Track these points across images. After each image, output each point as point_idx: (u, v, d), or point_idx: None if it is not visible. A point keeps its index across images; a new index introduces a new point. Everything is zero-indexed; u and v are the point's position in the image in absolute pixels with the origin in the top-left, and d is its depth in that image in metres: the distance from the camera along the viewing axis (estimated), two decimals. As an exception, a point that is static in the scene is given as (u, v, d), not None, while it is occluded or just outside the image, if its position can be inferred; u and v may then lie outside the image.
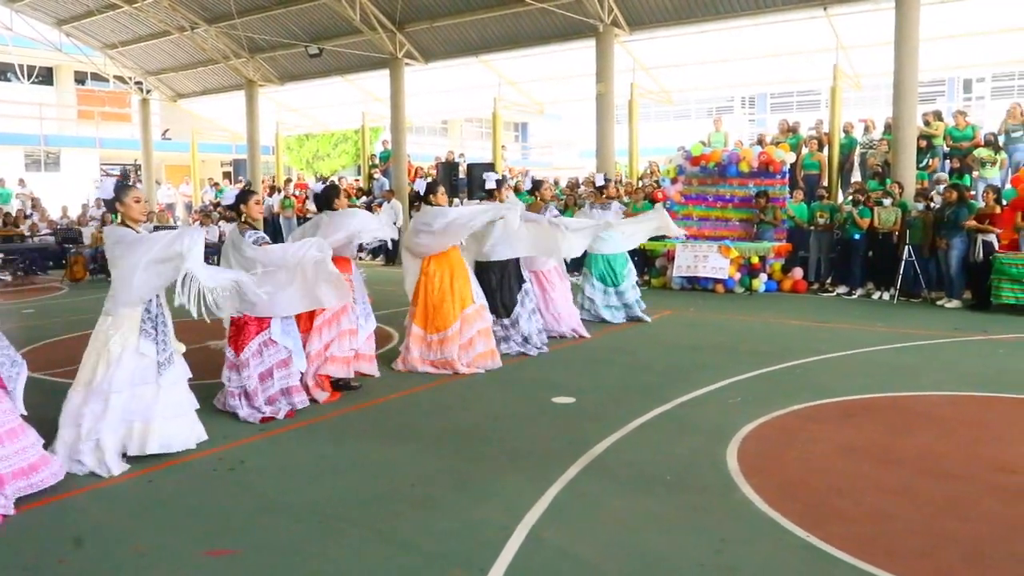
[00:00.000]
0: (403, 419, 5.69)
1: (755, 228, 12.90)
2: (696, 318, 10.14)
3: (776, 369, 7.09)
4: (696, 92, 21.40)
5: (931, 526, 3.75)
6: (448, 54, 18.90)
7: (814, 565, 3.36)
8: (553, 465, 4.56)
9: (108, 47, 23.22)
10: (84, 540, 3.63)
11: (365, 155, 22.62)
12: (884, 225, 11.53)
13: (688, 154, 13.73)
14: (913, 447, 4.93)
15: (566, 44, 17.06)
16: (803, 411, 5.73)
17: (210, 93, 24.49)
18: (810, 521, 3.76)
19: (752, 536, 3.64)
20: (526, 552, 3.49)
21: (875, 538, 3.60)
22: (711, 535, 3.65)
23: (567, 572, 3.33)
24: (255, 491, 4.27)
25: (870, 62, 15.71)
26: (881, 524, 3.76)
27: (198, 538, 3.68)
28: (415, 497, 4.18)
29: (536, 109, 21.82)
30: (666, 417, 5.62)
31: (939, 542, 3.59)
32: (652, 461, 4.67)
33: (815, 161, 14.52)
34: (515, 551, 3.49)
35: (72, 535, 3.68)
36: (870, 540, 3.57)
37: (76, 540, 3.62)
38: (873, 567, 3.30)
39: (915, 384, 6.56)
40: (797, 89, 28.22)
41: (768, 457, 4.76)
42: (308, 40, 19.37)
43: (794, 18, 14.76)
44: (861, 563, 3.34)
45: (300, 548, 3.58)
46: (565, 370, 7.17)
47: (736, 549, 3.51)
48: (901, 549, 3.50)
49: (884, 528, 3.72)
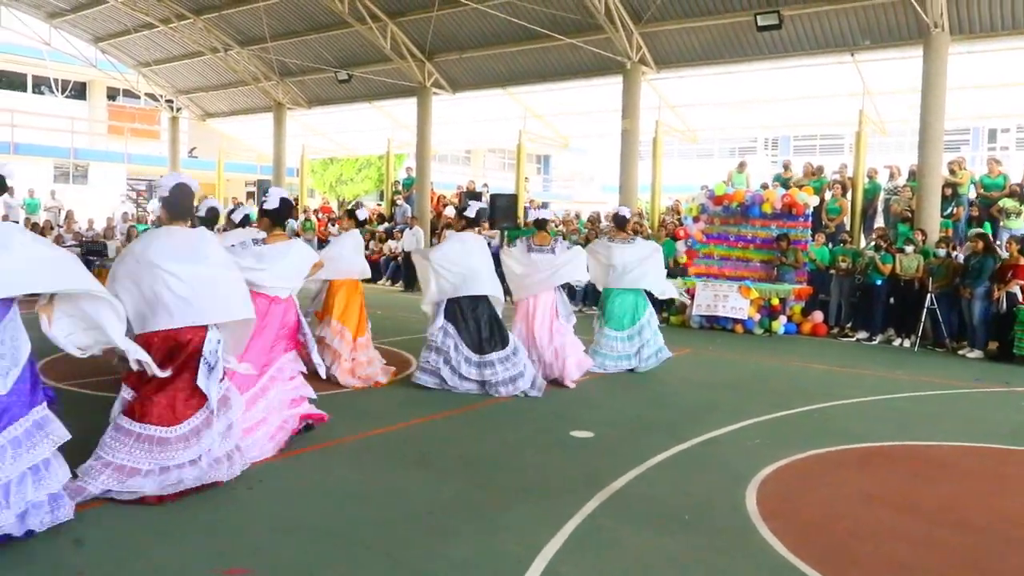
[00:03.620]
0: (419, 446, 5.68)
1: (776, 270, 12.87)
2: (715, 357, 10.10)
3: (795, 412, 7.04)
4: (720, 132, 21.49)
5: (953, 579, 3.71)
6: (476, 85, 19.13)
7: (834, 613, 3.32)
8: (570, 498, 4.54)
9: (141, 65, 23.67)
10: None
11: (389, 181, 22.84)
12: (906, 272, 11.48)
13: (711, 193, 13.76)
14: (933, 497, 4.87)
15: (593, 80, 17.24)
16: (823, 455, 5.68)
17: (239, 114, 24.86)
18: (829, 567, 3.71)
19: (771, 580, 3.60)
20: (542, 585, 3.47)
21: (896, 588, 3.56)
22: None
23: (583, 608, 3.31)
24: (271, 512, 4.27)
25: (896, 108, 15.77)
26: (901, 574, 3.71)
27: (213, 556, 3.68)
28: (431, 525, 4.17)
29: (560, 143, 22.00)
30: (685, 455, 5.59)
31: (961, 596, 3.54)
32: (670, 499, 4.64)
33: (838, 206, 14.51)
34: (532, 584, 3.47)
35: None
36: (891, 590, 3.53)
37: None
38: (894, 618, 3.26)
39: (935, 433, 6.49)
40: (821, 132, 28.35)
41: (787, 500, 4.71)
42: (338, 66, 19.67)
43: (821, 63, 14.87)
44: (881, 613, 3.30)
45: (314, 571, 3.58)
46: (583, 404, 7.15)
47: (754, 593, 3.48)
48: (922, 601, 3.45)
49: (905, 579, 3.67)
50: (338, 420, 6.04)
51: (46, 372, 7.83)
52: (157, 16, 20.12)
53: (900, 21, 13.32)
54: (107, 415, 4.51)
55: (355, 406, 6.66)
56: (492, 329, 7.31)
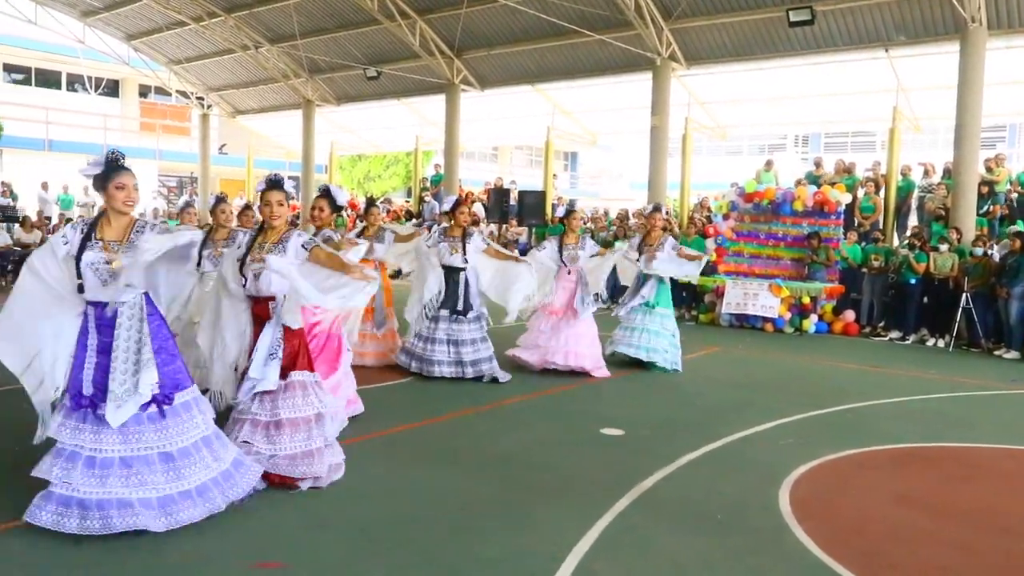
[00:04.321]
0: (451, 443, 5.69)
1: (807, 268, 12.73)
2: (745, 356, 10.01)
3: (827, 412, 6.96)
4: (751, 128, 21.30)
5: (993, 584, 3.64)
6: (504, 82, 19.11)
7: (871, 616, 3.28)
8: (602, 497, 4.52)
9: (173, 62, 23.92)
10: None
11: (417, 178, 22.89)
12: (940, 271, 11.31)
13: (741, 190, 13.64)
14: (971, 500, 4.79)
15: (622, 76, 17.12)
16: (856, 456, 5.61)
17: (268, 111, 25.04)
18: (865, 569, 3.67)
19: (806, 582, 3.56)
20: (575, 584, 3.46)
21: (934, 592, 3.50)
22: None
23: (616, 607, 3.29)
24: (304, 506, 4.28)
25: (930, 105, 15.50)
26: (940, 578, 3.66)
27: (247, 550, 3.71)
28: (462, 522, 4.17)
29: (589, 139, 21.93)
30: (716, 454, 5.54)
31: (1002, 601, 3.47)
32: (702, 499, 4.61)
33: (871, 204, 14.32)
34: (564, 582, 3.46)
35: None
36: (929, 594, 3.47)
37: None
38: (933, 623, 3.21)
39: (971, 435, 6.39)
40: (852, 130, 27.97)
41: (821, 502, 4.66)
42: (367, 63, 19.73)
43: (855, 58, 14.65)
44: (920, 617, 3.25)
45: (346, 567, 3.59)
46: (614, 402, 7.13)
47: (790, 595, 3.44)
48: (962, 606, 3.40)
49: (944, 583, 3.62)
50: (367, 415, 6.07)
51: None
52: (189, 14, 20.31)
53: (936, 16, 13.09)
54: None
55: (382, 402, 6.67)
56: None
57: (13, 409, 5.31)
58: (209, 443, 4.00)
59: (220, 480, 3.97)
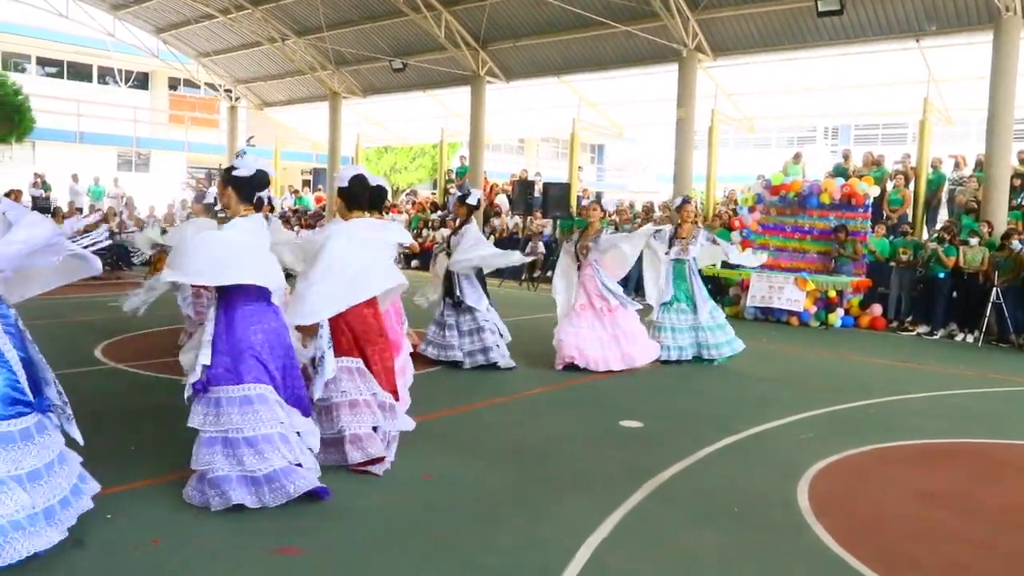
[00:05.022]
0: (469, 434, 5.71)
1: (833, 262, 12.59)
2: (768, 350, 9.93)
3: (851, 407, 6.88)
4: (778, 121, 21.09)
5: (1014, 582, 3.58)
6: (529, 73, 19.08)
7: (887, 613, 3.24)
8: (618, 489, 4.50)
9: (202, 55, 24.14)
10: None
11: (442, 169, 22.95)
12: (970, 265, 11.14)
13: (768, 183, 13.51)
14: (996, 497, 4.71)
15: (648, 68, 17.04)
16: (878, 451, 5.54)
17: (295, 103, 25.21)
18: (884, 567, 3.62)
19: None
20: (589, 574, 3.45)
21: (954, 590, 3.45)
22: (780, 572, 3.55)
23: (629, 599, 3.28)
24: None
25: (962, 96, 15.26)
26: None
27: (265, 536, 3.74)
28: (478, 512, 4.18)
29: (615, 132, 21.83)
30: (735, 448, 5.50)
31: (1023, 600, 3.42)
32: (719, 492, 4.57)
33: (900, 197, 14.12)
34: (577, 571, 3.46)
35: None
36: (948, 592, 3.43)
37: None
38: (951, 620, 3.16)
39: (998, 431, 6.29)
40: (883, 121, 27.59)
41: (840, 497, 4.61)
42: (393, 55, 19.79)
43: (884, 49, 14.45)
44: (938, 615, 3.20)
45: (363, 554, 3.62)
46: (633, 395, 7.09)
47: (805, 589, 3.41)
48: (981, 604, 3.35)
49: (963, 580, 3.56)
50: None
51: (109, 353, 8.08)
52: (217, 7, 20.48)
53: (969, 5, 12.86)
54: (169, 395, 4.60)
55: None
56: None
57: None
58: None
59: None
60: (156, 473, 4.51)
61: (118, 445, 4.97)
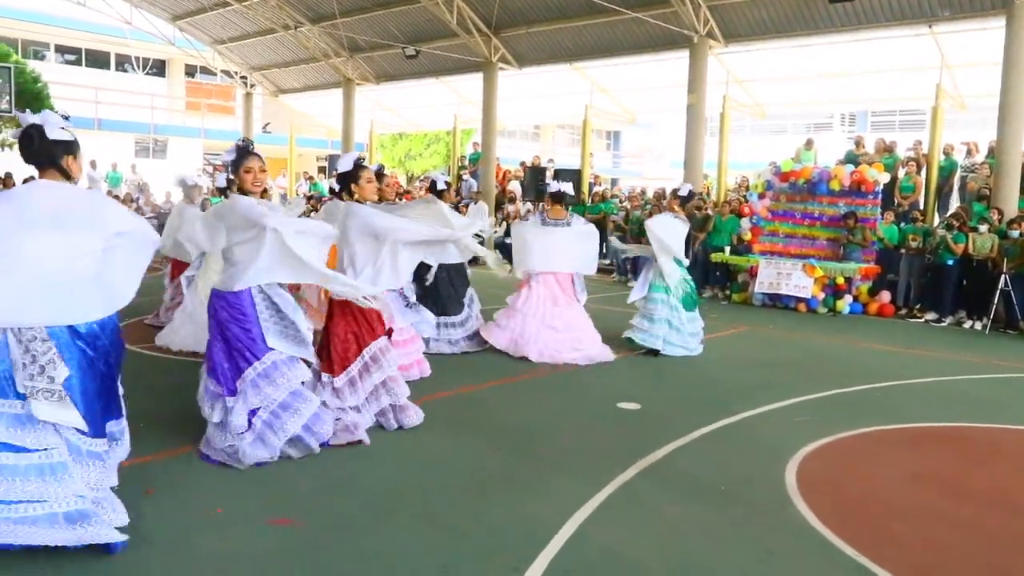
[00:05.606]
0: (468, 414, 5.81)
1: (842, 248, 12.57)
2: (773, 335, 9.97)
3: (850, 391, 6.92)
4: (791, 107, 20.98)
5: (992, 562, 3.64)
6: (542, 60, 19.07)
7: (862, 586, 3.32)
8: (609, 467, 4.60)
9: (217, 42, 24.28)
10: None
11: (455, 156, 23.01)
12: (979, 252, 11.10)
13: (778, 169, 13.49)
14: (985, 480, 4.76)
15: (660, 54, 17.00)
16: (872, 434, 5.60)
17: (310, 89, 25.32)
18: (864, 543, 3.69)
19: (800, 551, 3.61)
20: (571, 547, 3.56)
21: (931, 568, 3.52)
22: (758, 546, 3.64)
23: (609, 570, 3.38)
24: (320, 468, 4.44)
25: (976, 82, 15.13)
26: (939, 554, 3.68)
27: (262, 507, 3.87)
28: (470, 487, 4.29)
29: (627, 118, 21.81)
30: (729, 430, 5.58)
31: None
32: (709, 471, 4.66)
33: (912, 184, 14.04)
34: (561, 545, 3.56)
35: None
36: (925, 569, 3.50)
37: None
38: (924, 594, 3.24)
39: (997, 417, 6.30)
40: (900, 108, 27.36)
41: (829, 477, 4.68)
42: (406, 41, 19.83)
43: (897, 35, 14.35)
44: (912, 589, 3.28)
45: (355, 525, 3.74)
46: (633, 378, 7.17)
47: (781, 562, 3.50)
48: (957, 579, 3.42)
49: (942, 559, 3.63)
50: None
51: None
52: (232, -6, 20.62)
53: (982, -10, 12.76)
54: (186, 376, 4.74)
55: (404, 373, 6.80)
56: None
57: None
58: None
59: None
60: (157, 448, 4.65)
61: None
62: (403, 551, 3.49)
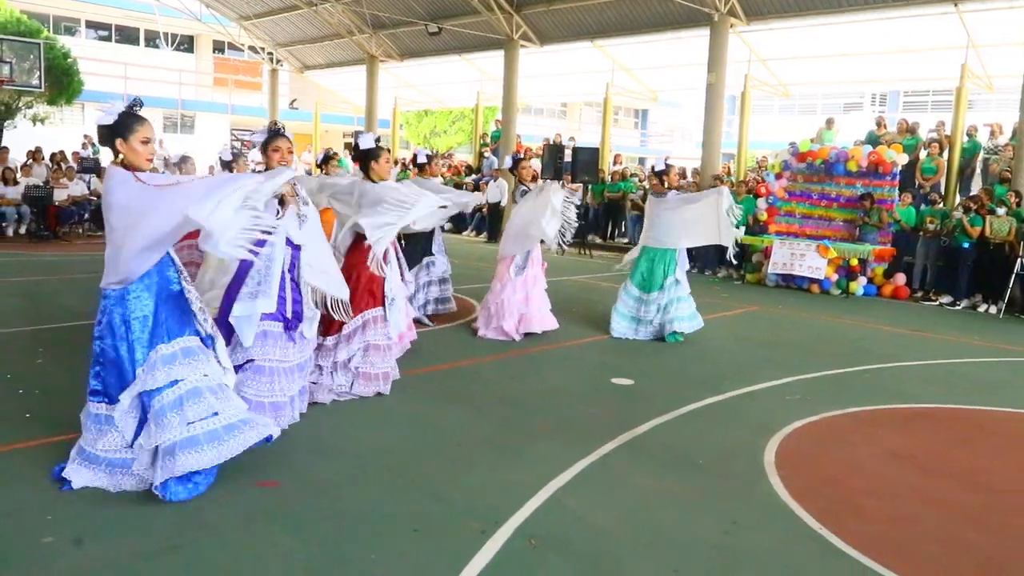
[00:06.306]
0: (464, 385, 5.95)
1: (858, 230, 12.50)
2: (782, 316, 9.98)
3: (848, 371, 6.97)
4: (814, 87, 20.76)
5: (954, 535, 3.72)
6: (563, 37, 19.03)
7: (819, 556, 3.42)
8: (593, 439, 4.72)
9: (243, 18, 24.47)
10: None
11: (477, 133, 23.05)
12: (996, 235, 10.99)
13: (795, 149, 13.41)
14: (965, 459, 4.82)
15: (681, 32, 16.89)
16: (862, 414, 5.66)
17: (335, 66, 25.47)
18: (829, 517, 3.79)
19: (765, 523, 3.71)
20: (543, 512, 3.69)
21: (891, 540, 3.61)
22: (724, 517, 3.74)
23: (576, 534, 3.51)
24: (311, 436, 4.59)
25: (1005, 62, 14.86)
26: (902, 527, 3.76)
27: (251, 470, 4.04)
28: (456, 455, 4.43)
29: (649, 96, 21.69)
30: (719, 406, 5.67)
31: (958, 551, 3.56)
32: (690, 446, 4.76)
33: (934, 165, 13.88)
34: (532, 510, 3.70)
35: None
36: (885, 541, 3.58)
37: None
38: (879, 566, 3.32)
39: (994, 399, 6.32)
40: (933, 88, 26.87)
41: (808, 454, 4.76)
42: (428, 18, 19.87)
43: (922, 13, 14.13)
44: (868, 560, 3.37)
45: (337, 487, 3.90)
46: (632, 354, 7.26)
47: (745, 533, 3.60)
48: (915, 553, 3.50)
49: (904, 531, 3.71)
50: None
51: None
52: (257, -30, 20.77)
53: (1009, -32, 12.52)
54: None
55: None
56: None
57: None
58: None
59: None
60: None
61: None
62: (378, 512, 3.65)
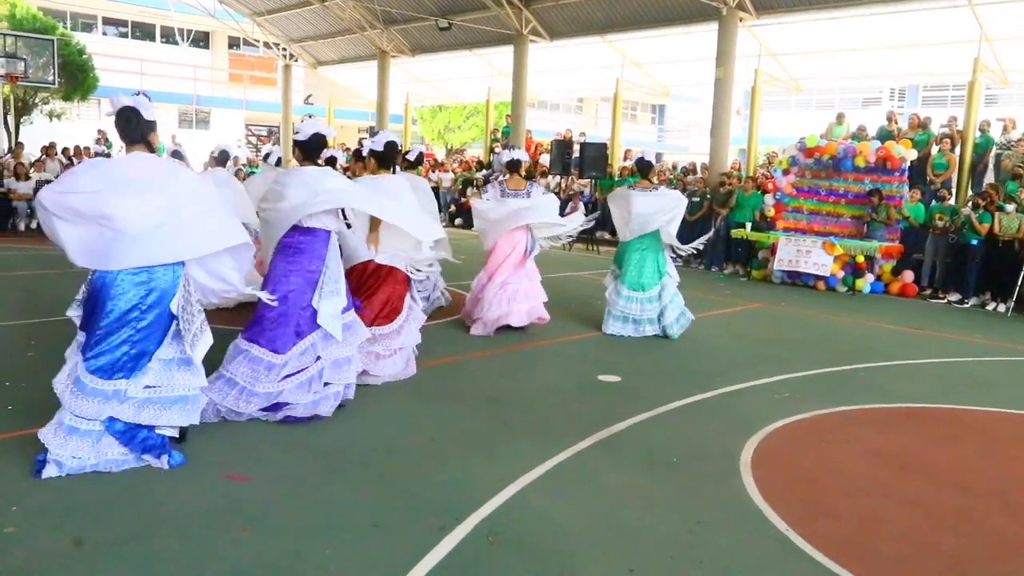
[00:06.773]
0: (449, 382, 5.94)
1: (866, 226, 12.36)
2: (784, 313, 9.89)
3: (841, 369, 6.90)
4: (826, 81, 20.51)
5: (921, 536, 3.67)
6: (573, 32, 18.95)
7: (780, 558, 3.38)
8: (569, 437, 4.70)
9: (256, 14, 24.59)
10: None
11: (488, 129, 23.04)
12: (1005, 232, 10.83)
13: (803, 145, 13.27)
14: (947, 459, 4.76)
15: (691, 26, 16.77)
16: (848, 412, 5.60)
17: (347, 62, 25.54)
18: (797, 517, 3.75)
19: (730, 523, 3.68)
20: (506, 509, 3.69)
21: (856, 541, 3.56)
22: (690, 516, 3.72)
23: (537, 531, 3.50)
24: (284, 431, 4.60)
25: (1019, 57, 14.63)
26: (869, 528, 3.71)
27: (219, 465, 4.06)
28: (429, 451, 4.43)
29: (661, 91, 21.56)
30: (703, 404, 5.63)
31: (923, 553, 3.51)
32: (666, 444, 4.73)
33: (945, 161, 13.68)
34: (496, 507, 3.69)
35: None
36: (850, 542, 3.54)
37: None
38: (841, 568, 3.29)
39: (986, 399, 6.22)
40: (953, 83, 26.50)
41: (785, 453, 4.72)
42: (439, 14, 19.87)
43: (934, 6, 13.93)
44: (830, 563, 3.33)
45: (302, 482, 3.92)
46: (625, 350, 7.22)
47: (709, 532, 3.57)
48: (879, 555, 3.46)
49: (870, 533, 3.67)
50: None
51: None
52: (270, -34, 20.85)
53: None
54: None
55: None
56: None
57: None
58: None
59: None
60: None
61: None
62: (340, 508, 3.65)
